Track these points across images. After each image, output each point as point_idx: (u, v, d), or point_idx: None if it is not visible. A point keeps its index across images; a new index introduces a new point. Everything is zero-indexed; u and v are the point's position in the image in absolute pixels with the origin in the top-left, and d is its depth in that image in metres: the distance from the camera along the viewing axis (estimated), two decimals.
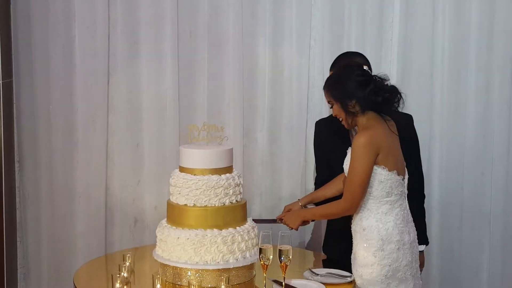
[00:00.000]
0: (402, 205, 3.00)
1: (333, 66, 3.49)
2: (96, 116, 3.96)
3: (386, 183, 2.93)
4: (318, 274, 3.05)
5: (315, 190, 3.65)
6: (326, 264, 3.39)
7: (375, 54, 4.07)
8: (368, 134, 2.91)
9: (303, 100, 4.10)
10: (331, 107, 3.06)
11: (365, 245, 2.95)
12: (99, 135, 3.97)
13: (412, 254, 2.99)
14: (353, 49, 3.96)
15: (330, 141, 3.53)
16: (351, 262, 3.06)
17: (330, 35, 4.08)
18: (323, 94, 3.84)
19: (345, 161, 3.05)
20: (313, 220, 3.44)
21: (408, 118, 3.53)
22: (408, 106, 3.91)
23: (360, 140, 2.89)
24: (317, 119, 3.72)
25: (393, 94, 2.97)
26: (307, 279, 3.01)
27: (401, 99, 3.00)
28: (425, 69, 4.13)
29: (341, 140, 3.44)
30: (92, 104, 3.95)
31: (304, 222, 3.25)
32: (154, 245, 3.35)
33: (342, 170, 3.23)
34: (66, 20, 3.89)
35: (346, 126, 3.05)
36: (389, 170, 2.92)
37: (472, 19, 4.10)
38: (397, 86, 3.01)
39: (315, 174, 3.75)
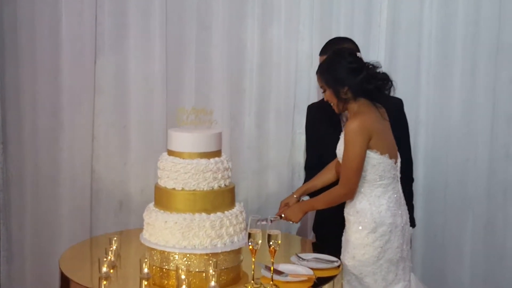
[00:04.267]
0: (395, 188, 3.05)
1: (322, 52, 3.49)
2: (82, 97, 3.92)
3: (378, 167, 2.96)
4: (305, 259, 3.06)
5: (305, 173, 3.70)
6: (315, 246, 3.39)
7: (363, 39, 4.05)
8: (360, 119, 2.94)
9: (290, 84, 4.08)
10: (324, 92, 3.06)
11: (358, 227, 3.00)
12: (85, 117, 3.93)
13: (404, 237, 3.04)
14: (342, 34, 3.96)
15: (322, 125, 3.55)
16: (342, 245, 3.08)
17: (319, 20, 4.06)
18: (311, 79, 3.89)
19: (338, 146, 3.07)
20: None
21: (399, 102, 3.55)
22: (395, 92, 3.96)
23: (352, 126, 2.92)
24: (307, 103, 3.74)
25: (385, 81, 3.00)
26: (294, 264, 3.02)
27: (392, 86, 3.03)
28: (412, 55, 4.13)
29: (332, 124, 3.47)
30: (79, 85, 3.91)
31: (304, 214, 3.25)
32: (139, 229, 3.33)
33: (332, 154, 3.25)
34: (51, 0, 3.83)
35: (336, 111, 3.08)
36: (381, 154, 2.97)
37: (459, 5, 4.10)
38: (387, 73, 3.04)
39: (305, 157, 3.76)
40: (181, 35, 3.98)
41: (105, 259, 2.79)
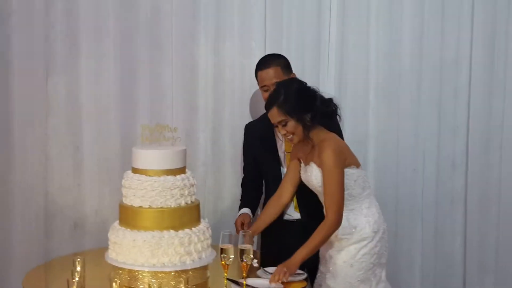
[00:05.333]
0: (373, 196, 3.19)
1: (262, 67, 3.57)
2: (34, 118, 3.85)
3: (359, 180, 3.06)
4: (271, 273, 3.07)
5: (241, 189, 3.79)
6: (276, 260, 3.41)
7: (314, 56, 4.15)
8: (330, 144, 3.01)
9: (245, 100, 4.11)
10: (284, 125, 3.04)
11: (357, 239, 3.06)
12: (37, 138, 3.87)
13: (388, 241, 3.18)
14: (293, 51, 4.06)
15: (259, 145, 3.65)
16: (328, 257, 3.12)
17: (271, 37, 4.11)
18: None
19: (311, 176, 3.11)
20: None
21: None
22: (344, 106, 4.07)
23: (327, 153, 2.97)
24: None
25: (335, 105, 3.11)
26: (261, 278, 3.03)
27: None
28: (361, 71, 4.23)
29: (269, 143, 3.59)
30: (30, 106, 3.84)
31: None
32: (96, 249, 3.33)
33: (267, 172, 3.47)
34: (1, 19, 3.75)
35: (296, 141, 3.09)
36: (357, 168, 3.08)
37: (404, 23, 4.24)
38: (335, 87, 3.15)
39: (242, 174, 3.84)
40: (134, 54, 3.96)
41: (74, 281, 2.73)
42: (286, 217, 3.53)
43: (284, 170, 3.56)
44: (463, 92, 4.29)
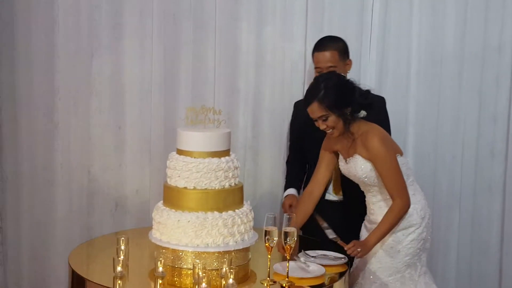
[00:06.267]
0: (416, 183, 3.21)
1: (320, 48, 3.62)
2: (77, 98, 3.91)
3: (403, 168, 3.10)
4: (313, 256, 3.10)
5: (286, 167, 3.85)
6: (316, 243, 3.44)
7: (355, 41, 4.12)
8: (377, 133, 3.04)
9: (285, 84, 4.11)
10: (325, 120, 3.06)
11: (405, 226, 3.10)
12: (80, 118, 3.92)
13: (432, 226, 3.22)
14: (335, 35, 4.00)
15: (305, 123, 3.62)
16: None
17: (312, 21, 4.09)
18: (305, 79, 3.94)
19: (356, 168, 3.11)
20: None
21: (382, 101, 3.68)
22: (385, 92, 4.06)
23: (375, 142, 3.01)
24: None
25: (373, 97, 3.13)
26: (303, 261, 3.05)
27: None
28: (403, 57, 4.21)
29: (314, 124, 3.53)
30: (74, 85, 3.90)
31: None
32: (136, 229, 3.34)
33: (312, 151, 3.41)
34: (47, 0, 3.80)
35: (337, 134, 3.10)
36: (401, 156, 3.11)
37: (447, 8, 4.19)
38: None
39: (287, 153, 3.88)
40: (177, 36, 3.98)
41: (119, 259, 2.78)
42: (327, 197, 3.55)
43: None
44: (505, 79, 4.23)
